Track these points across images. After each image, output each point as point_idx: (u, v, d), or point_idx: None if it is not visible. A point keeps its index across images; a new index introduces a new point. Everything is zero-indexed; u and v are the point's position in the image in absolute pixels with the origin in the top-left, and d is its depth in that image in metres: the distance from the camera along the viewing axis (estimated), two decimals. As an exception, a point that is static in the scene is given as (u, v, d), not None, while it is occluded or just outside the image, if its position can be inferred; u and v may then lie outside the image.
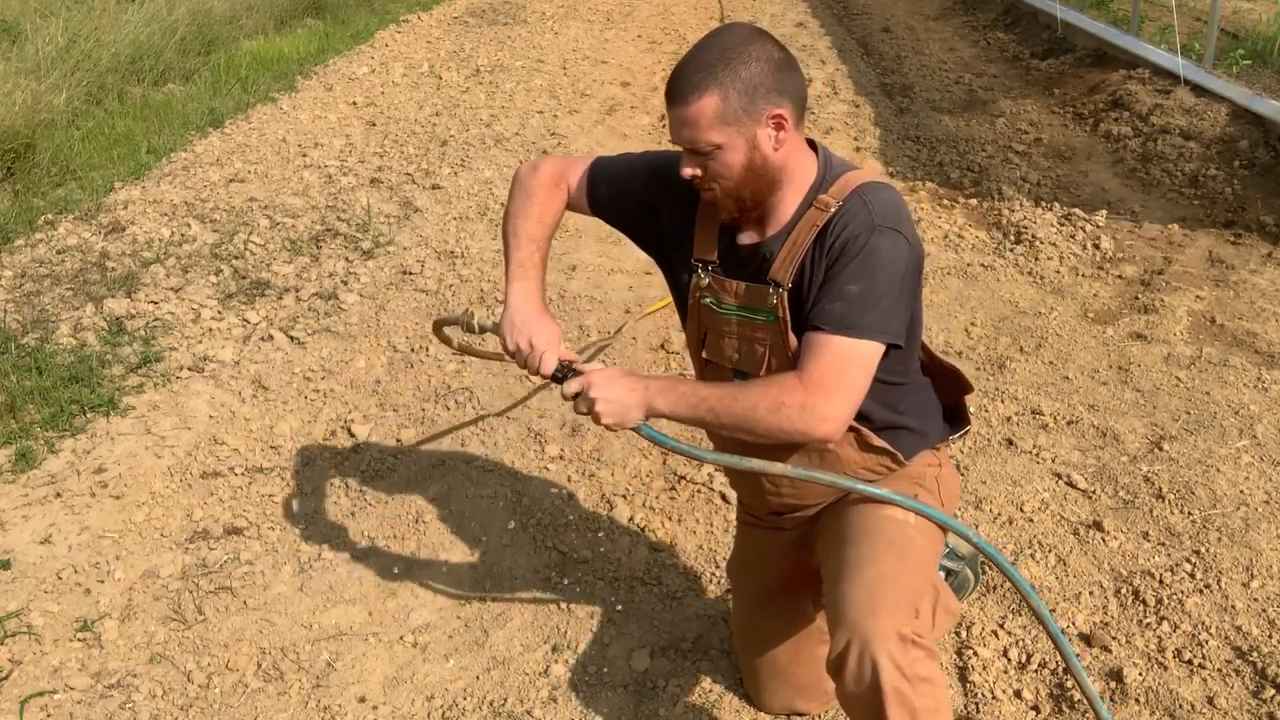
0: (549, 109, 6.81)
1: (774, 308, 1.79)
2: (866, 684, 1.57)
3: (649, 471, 3.05)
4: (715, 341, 1.90)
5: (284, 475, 3.06)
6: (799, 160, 1.78)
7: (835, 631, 1.63)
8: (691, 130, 1.69)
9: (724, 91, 1.66)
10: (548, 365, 1.79)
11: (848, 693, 1.61)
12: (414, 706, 2.25)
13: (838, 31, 9.36)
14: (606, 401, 1.70)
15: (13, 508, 2.89)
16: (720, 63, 1.66)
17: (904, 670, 1.56)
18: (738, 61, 1.66)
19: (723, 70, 1.66)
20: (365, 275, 4.34)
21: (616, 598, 2.55)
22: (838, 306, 1.67)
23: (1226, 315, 3.87)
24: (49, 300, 4.08)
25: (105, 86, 6.69)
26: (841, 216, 1.72)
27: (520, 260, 1.91)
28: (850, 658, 1.58)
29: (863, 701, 1.58)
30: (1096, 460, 3.02)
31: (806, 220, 1.77)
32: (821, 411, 1.64)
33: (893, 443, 1.89)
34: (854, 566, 1.70)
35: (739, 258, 1.85)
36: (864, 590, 1.64)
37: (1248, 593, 2.46)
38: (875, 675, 1.56)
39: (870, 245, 1.69)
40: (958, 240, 4.64)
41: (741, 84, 1.66)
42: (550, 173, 2.00)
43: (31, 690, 2.28)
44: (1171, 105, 5.90)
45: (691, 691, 2.24)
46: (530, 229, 1.94)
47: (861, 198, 1.73)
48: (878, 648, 1.56)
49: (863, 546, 1.74)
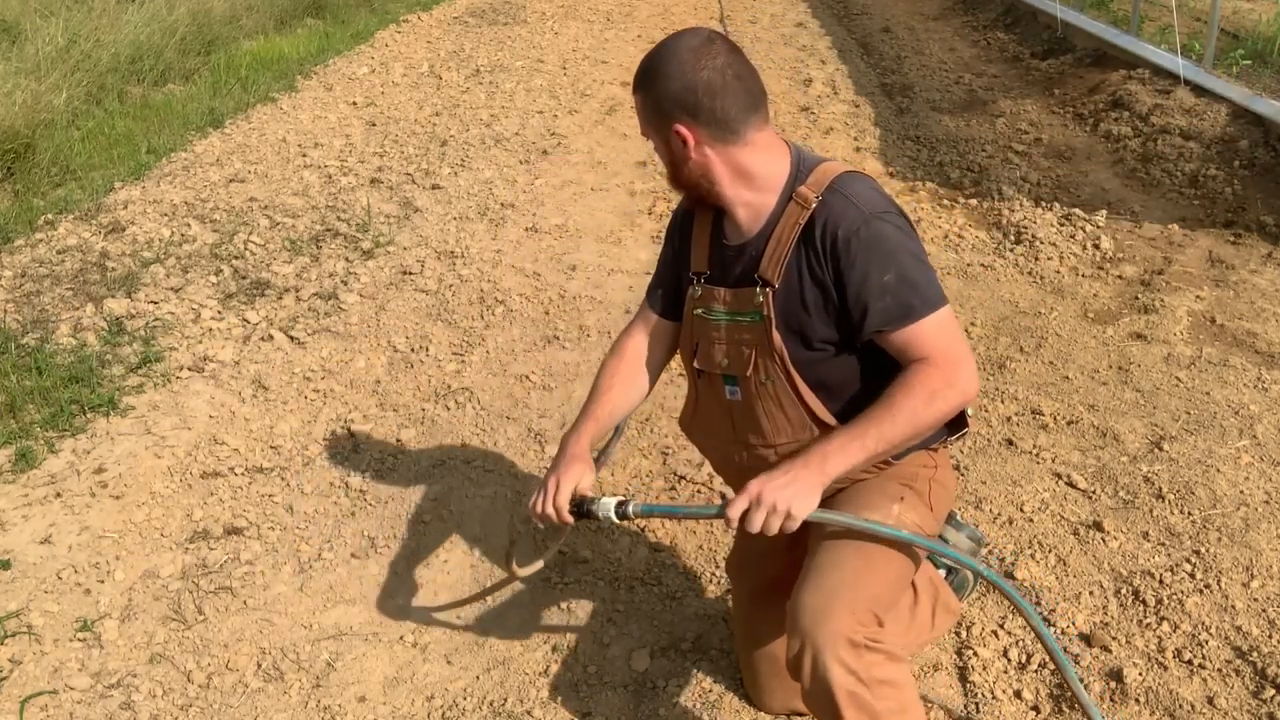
0: (549, 109, 6.81)
1: (759, 306, 1.82)
2: (820, 688, 1.62)
3: (649, 471, 3.05)
4: (706, 349, 1.92)
5: (284, 475, 3.06)
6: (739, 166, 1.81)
7: (790, 637, 1.67)
8: (638, 117, 1.85)
9: (646, 97, 1.80)
10: (561, 499, 1.82)
11: (806, 694, 1.66)
12: (414, 706, 2.25)
13: (838, 31, 9.36)
14: (792, 500, 1.66)
15: (13, 508, 2.89)
16: (652, 70, 1.79)
17: (859, 674, 1.60)
18: (664, 73, 1.78)
19: (647, 78, 1.80)
20: (365, 275, 4.34)
21: (616, 598, 2.55)
22: (889, 301, 1.73)
23: (1226, 315, 3.87)
24: (49, 300, 4.08)
25: (105, 86, 6.69)
26: (828, 214, 1.75)
27: (584, 409, 2.01)
28: (805, 662, 1.63)
29: (821, 705, 1.63)
30: (1096, 460, 3.02)
31: (788, 217, 1.80)
32: (964, 375, 1.73)
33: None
34: (817, 572, 1.74)
35: (727, 259, 1.89)
36: (819, 596, 1.68)
37: (1248, 593, 2.46)
38: (826, 680, 1.60)
39: (874, 234, 1.74)
40: (958, 240, 4.65)
41: (656, 95, 1.78)
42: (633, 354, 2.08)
43: (31, 690, 2.28)
44: (1171, 105, 5.90)
45: (691, 691, 2.24)
46: (606, 387, 2.03)
47: (842, 192, 1.77)
48: (827, 654, 1.60)
49: (831, 553, 1.77)
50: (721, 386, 1.91)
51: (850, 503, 1.86)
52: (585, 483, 1.85)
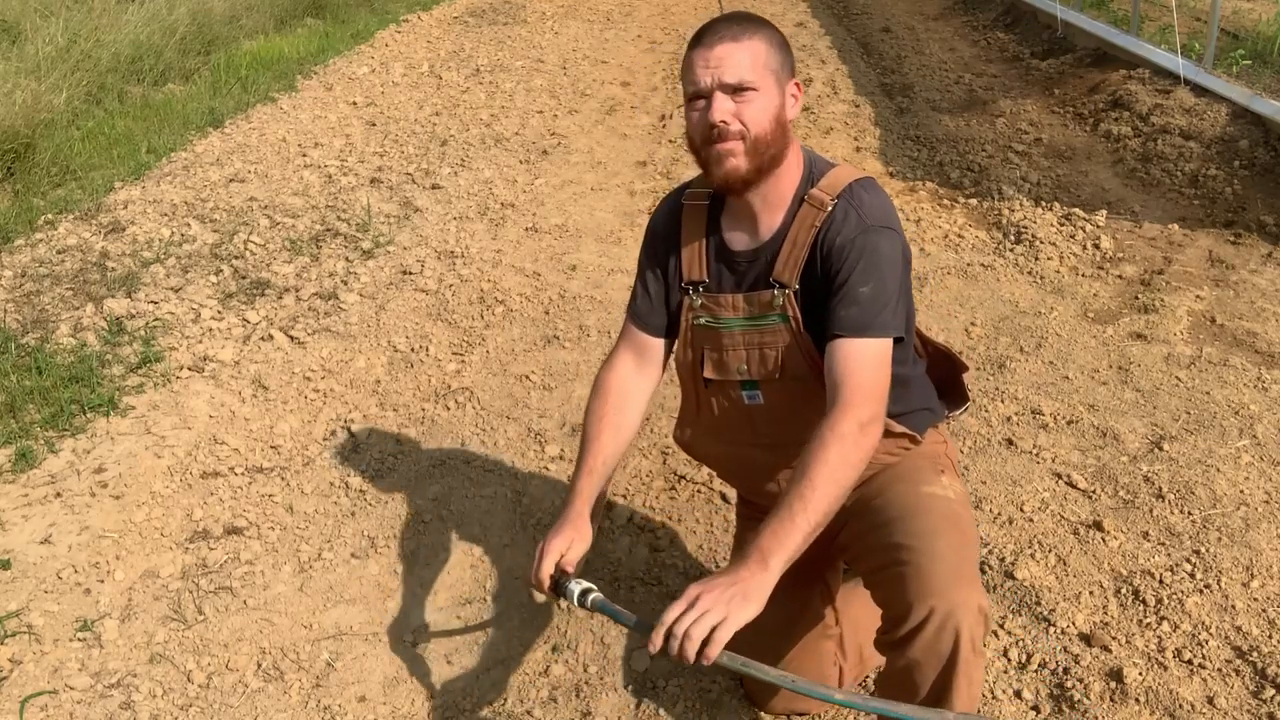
0: (549, 109, 6.81)
1: (781, 308, 1.80)
2: (941, 654, 1.59)
3: (649, 471, 3.05)
4: (718, 359, 1.90)
5: (284, 475, 3.06)
6: (795, 144, 1.84)
7: (913, 603, 1.61)
8: (736, 66, 1.71)
9: (770, 42, 1.75)
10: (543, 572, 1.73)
11: (912, 662, 1.62)
12: (414, 706, 2.25)
13: (838, 31, 9.36)
14: (732, 607, 1.49)
15: (13, 508, 2.89)
16: (762, 22, 1.77)
17: (974, 644, 1.61)
18: (773, 28, 1.78)
19: (767, 27, 1.77)
20: (365, 275, 4.34)
21: (616, 598, 2.54)
22: (854, 311, 1.71)
23: (1226, 315, 3.87)
24: (49, 300, 4.08)
25: (105, 86, 6.69)
26: (835, 219, 1.76)
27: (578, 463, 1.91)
28: (929, 627, 1.59)
29: (926, 671, 1.61)
30: (1096, 460, 3.02)
31: (802, 219, 1.80)
32: (872, 420, 1.67)
33: (909, 425, 1.93)
34: (923, 538, 1.69)
35: (733, 263, 1.87)
36: (942, 563, 1.64)
37: (1248, 593, 2.46)
38: (955, 646, 1.59)
39: (870, 245, 1.73)
40: (958, 240, 4.64)
41: (779, 44, 1.77)
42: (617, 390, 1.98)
43: (31, 690, 2.28)
44: (1171, 105, 5.90)
45: (691, 691, 2.24)
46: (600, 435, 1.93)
47: (852, 199, 1.78)
48: (961, 618, 1.59)
49: (921, 520, 1.75)
50: (739, 393, 1.90)
51: (897, 482, 1.87)
52: (573, 553, 1.76)
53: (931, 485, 1.84)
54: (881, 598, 1.74)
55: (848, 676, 2.18)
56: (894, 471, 1.91)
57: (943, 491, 1.83)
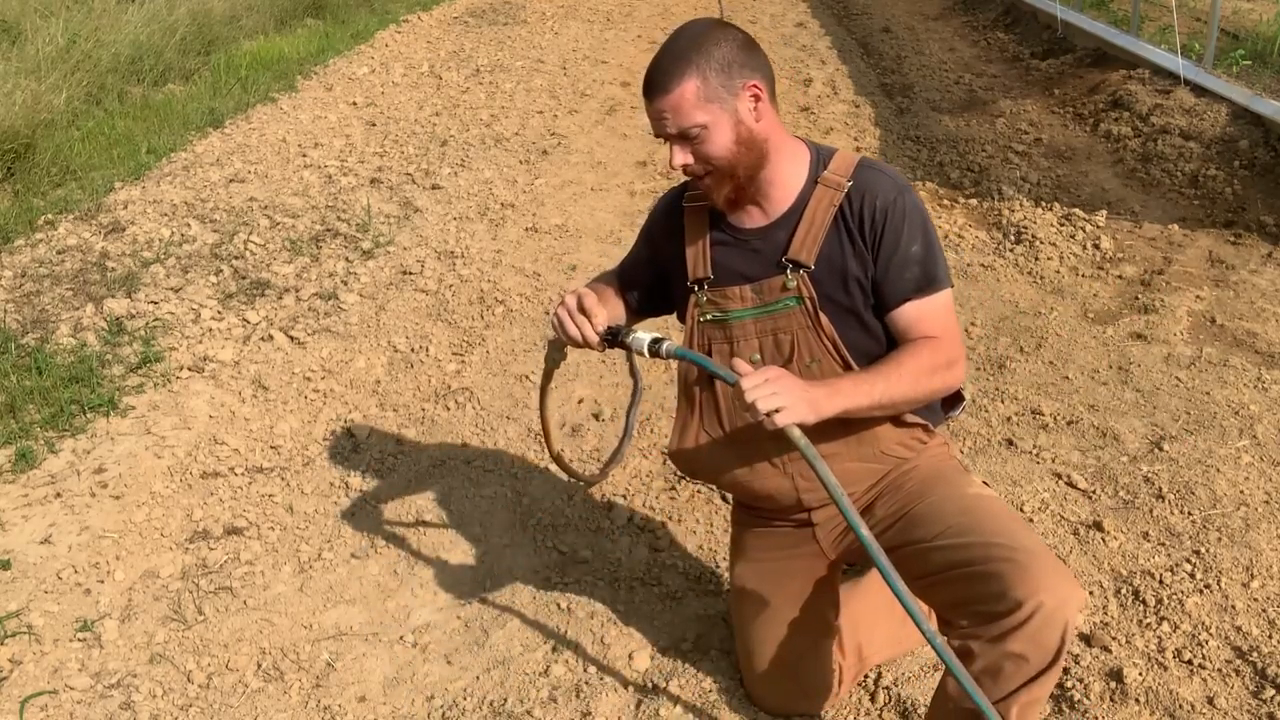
0: (549, 109, 6.82)
1: (795, 290, 1.82)
2: (1048, 647, 1.60)
3: (649, 471, 3.05)
4: (727, 352, 1.90)
5: (284, 475, 3.06)
6: (782, 134, 1.86)
7: (1023, 598, 1.59)
8: (676, 116, 1.76)
9: (701, 73, 1.74)
10: (596, 324, 1.78)
11: (1011, 654, 1.61)
12: (414, 706, 2.25)
13: (838, 32, 9.36)
14: (793, 403, 1.60)
15: (13, 508, 2.89)
16: (691, 49, 1.76)
17: (1071, 639, 1.65)
18: (707, 45, 1.76)
19: (695, 55, 1.75)
20: (365, 275, 4.34)
21: (616, 598, 2.54)
22: (916, 271, 1.81)
23: (1226, 315, 3.87)
24: (49, 300, 4.08)
25: (105, 86, 6.69)
26: (865, 189, 1.82)
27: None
28: (1035, 620, 1.58)
29: (1032, 663, 1.61)
30: (1096, 460, 3.02)
31: (820, 199, 1.84)
32: (961, 361, 1.80)
33: (922, 415, 1.94)
34: (1010, 535, 1.68)
35: (743, 252, 1.88)
36: (1044, 558, 1.64)
37: (1248, 593, 2.46)
38: (1059, 639, 1.60)
39: (911, 204, 1.83)
40: (958, 240, 4.65)
41: (715, 63, 1.75)
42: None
43: (31, 690, 2.28)
44: (1171, 105, 5.90)
45: (691, 691, 2.24)
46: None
47: (870, 169, 1.85)
48: (1070, 613, 1.60)
49: (993, 521, 1.73)
50: None
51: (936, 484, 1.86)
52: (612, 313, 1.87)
53: (973, 487, 1.85)
54: (972, 593, 1.67)
55: (847, 675, 2.17)
56: (922, 474, 1.90)
57: (988, 492, 1.84)
